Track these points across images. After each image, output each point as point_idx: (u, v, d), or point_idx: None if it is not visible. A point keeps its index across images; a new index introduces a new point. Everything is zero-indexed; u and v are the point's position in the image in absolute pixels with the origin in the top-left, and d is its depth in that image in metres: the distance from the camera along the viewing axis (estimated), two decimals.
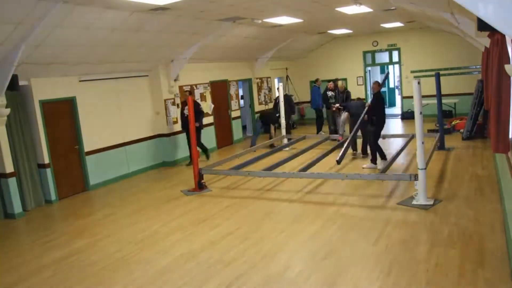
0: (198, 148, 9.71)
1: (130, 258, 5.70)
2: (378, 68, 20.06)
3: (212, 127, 13.31)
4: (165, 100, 11.42)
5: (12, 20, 6.11)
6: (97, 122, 9.75)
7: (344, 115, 10.39)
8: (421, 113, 6.62)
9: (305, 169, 8.09)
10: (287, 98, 13.48)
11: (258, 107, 15.78)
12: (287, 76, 17.44)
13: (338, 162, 7.88)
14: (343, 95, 12.76)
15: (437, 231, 5.59)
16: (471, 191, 7.18)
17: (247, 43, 12.65)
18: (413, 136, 9.18)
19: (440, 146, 10.31)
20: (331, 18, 11.36)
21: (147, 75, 11.29)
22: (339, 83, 13.23)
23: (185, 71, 11.64)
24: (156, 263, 5.44)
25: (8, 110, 7.67)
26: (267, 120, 13.13)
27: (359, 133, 9.51)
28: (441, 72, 11.67)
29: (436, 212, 6.28)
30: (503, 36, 4.45)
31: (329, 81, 15.44)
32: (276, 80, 17.16)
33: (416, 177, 6.77)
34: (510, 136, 4.65)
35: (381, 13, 10.73)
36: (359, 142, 10.32)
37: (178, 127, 11.74)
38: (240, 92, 15.59)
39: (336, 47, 17.59)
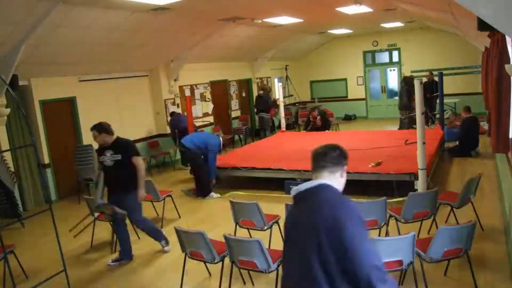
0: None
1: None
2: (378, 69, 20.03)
3: (212, 127, 13.31)
4: (165, 100, 11.42)
5: (12, 20, 6.11)
6: (97, 122, 9.72)
7: None
8: (422, 113, 6.61)
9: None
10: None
11: None
12: (286, 76, 17.44)
13: None
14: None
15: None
16: None
17: (247, 43, 12.64)
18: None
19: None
20: (331, 18, 11.36)
21: (147, 75, 11.29)
22: None
23: (185, 71, 11.64)
24: (156, 263, 5.44)
25: (8, 110, 7.67)
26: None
27: None
28: (442, 72, 11.64)
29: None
30: (503, 36, 4.45)
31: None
32: (276, 80, 17.16)
33: (416, 177, 6.77)
34: (510, 136, 4.66)
35: (381, 13, 10.73)
36: None
37: None
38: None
39: (336, 47, 17.59)
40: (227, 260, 4.39)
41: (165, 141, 11.43)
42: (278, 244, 5.39)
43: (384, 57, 17.51)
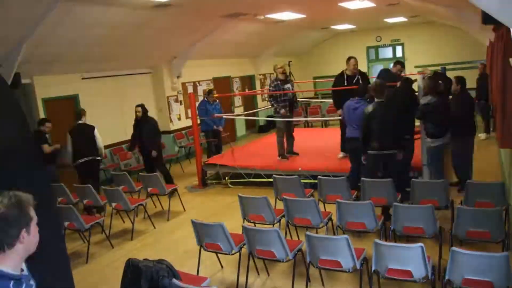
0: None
1: (132, 255, 5.62)
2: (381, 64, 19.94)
3: None
4: (167, 97, 11.40)
5: (13, 18, 6.09)
6: (100, 120, 9.71)
7: None
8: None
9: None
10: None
11: (261, 104, 15.71)
12: (290, 72, 17.35)
13: None
14: None
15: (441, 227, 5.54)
16: None
17: (250, 39, 12.59)
18: None
19: None
20: (334, 14, 11.29)
21: (150, 72, 11.27)
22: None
23: (188, 67, 11.61)
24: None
25: None
26: None
27: None
28: (446, 67, 11.55)
29: None
30: (508, 29, 4.39)
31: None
32: None
33: (420, 172, 6.73)
34: None
35: (384, 7, 10.65)
36: None
37: (181, 123, 11.76)
38: None
39: (339, 42, 17.49)
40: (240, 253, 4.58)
41: (165, 137, 11.39)
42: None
43: (387, 53, 17.41)
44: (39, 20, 6.35)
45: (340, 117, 7.84)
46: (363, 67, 17.20)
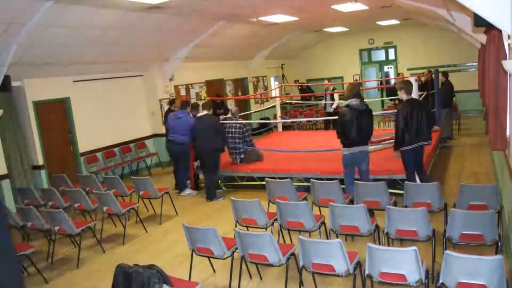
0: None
1: (124, 260, 5.58)
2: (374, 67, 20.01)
3: None
4: (160, 100, 11.34)
5: (3, 19, 6.03)
6: (92, 123, 9.67)
7: None
8: None
9: None
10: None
11: (254, 106, 15.68)
12: (283, 75, 17.37)
13: None
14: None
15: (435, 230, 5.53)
16: None
17: (243, 42, 12.57)
18: None
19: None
20: (327, 16, 11.30)
21: (142, 75, 11.21)
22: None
23: (180, 70, 11.56)
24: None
25: (0, 112, 7.58)
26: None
27: None
28: (438, 69, 11.58)
29: None
30: (499, 31, 4.39)
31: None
32: (272, 79, 17.10)
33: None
34: (507, 133, 4.61)
35: (377, 10, 10.68)
36: None
37: None
38: None
39: (332, 45, 17.54)
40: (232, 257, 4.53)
41: (158, 141, 11.32)
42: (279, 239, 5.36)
43: (380, 55, 17.48)
44: (30, 22, 6.29)
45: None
46: (356, 70, 17.30)
